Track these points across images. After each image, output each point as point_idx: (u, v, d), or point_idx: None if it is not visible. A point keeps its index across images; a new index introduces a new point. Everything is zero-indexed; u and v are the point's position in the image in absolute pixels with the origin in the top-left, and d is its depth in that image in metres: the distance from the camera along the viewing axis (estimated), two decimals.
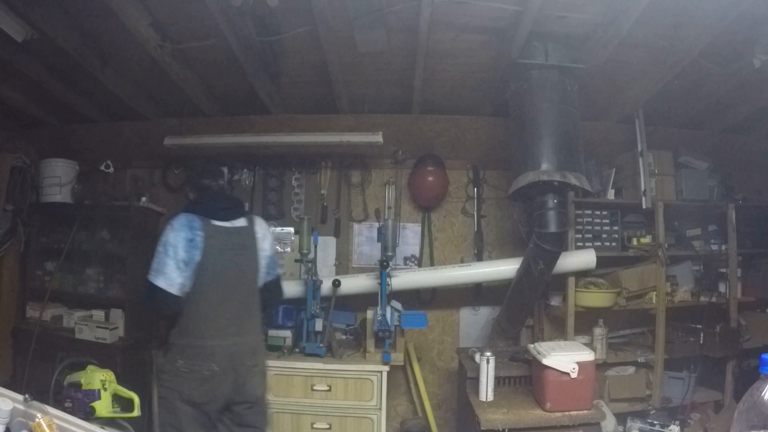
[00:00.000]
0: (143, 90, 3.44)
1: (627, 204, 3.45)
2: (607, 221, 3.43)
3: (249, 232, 2.42)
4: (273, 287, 2.54)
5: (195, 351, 2.23)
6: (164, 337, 2.39)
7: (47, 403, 1.28)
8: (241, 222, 2.42)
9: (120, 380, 2.04)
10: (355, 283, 3.39)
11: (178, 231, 2.24)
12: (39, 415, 1.21)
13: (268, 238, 2.51)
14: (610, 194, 3.49)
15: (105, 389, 1.90)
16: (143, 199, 3.72)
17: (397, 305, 3.15)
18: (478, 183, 3.89)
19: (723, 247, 3.44)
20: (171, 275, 2.20)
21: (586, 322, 3.28)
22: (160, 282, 2.20)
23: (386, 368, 3.00)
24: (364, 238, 3.90)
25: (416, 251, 3.89)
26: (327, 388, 3.01)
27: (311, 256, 3.26)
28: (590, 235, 3.40)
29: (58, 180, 3.66)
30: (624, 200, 3.48)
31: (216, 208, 2.37)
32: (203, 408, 2.22)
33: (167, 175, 4.03)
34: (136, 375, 3.23)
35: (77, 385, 1.89)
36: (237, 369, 2.27)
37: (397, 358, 3.11)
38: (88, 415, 1.81)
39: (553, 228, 2.87)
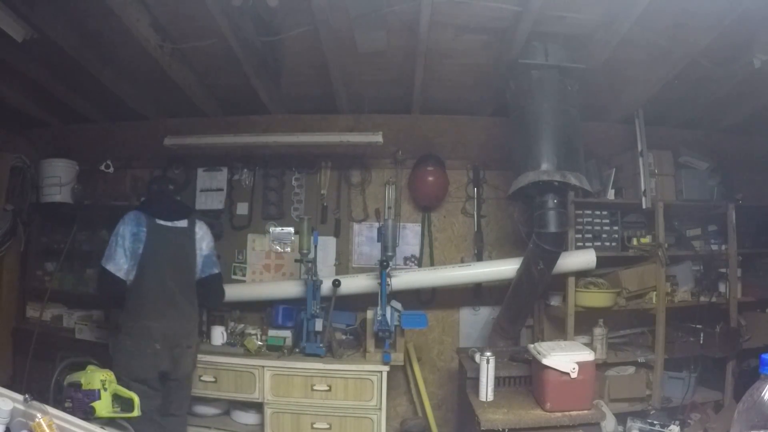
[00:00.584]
0: (143, 90, 3.44)
1: (627, 204, 3.45)
2: (607, 221, 3.43)
3: (188, 232, 2.83)
4: (209, 283, 2.90)
5: (140, 331, 2.60)
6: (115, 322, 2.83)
7: (47, 403, 1.29)
8: (182, 223, 2.82)
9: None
10: (355, 283, 3.39)
11: (127, 225, 2.67)
12: (39, 415, 1.21)
13: (206, 240, 2.90)
14: (610, 194, 3.49)
15: (105, 389, 1.89)
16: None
17: (397, 305, 3.15)
18: (478, 183, 3.89)
19: (723, 247, 3.44)
20: (119, 261, 2.61)
21: (586, 322, 3.27)
22: (110, 266, 2.61)
23: (386, 368, 2.99)
24: (364, 238, 3.90)
25: (416, 251, 3.89)
26: (327, 388, 3.01)
27: (311, 256, 3.26)
28: (590, 235, 3.39)
29: (58, 180, 3.66)
30: (624, 200, 3.48)
31: (160, 209, 2.79)
32: (149, 383, 2.53)
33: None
34: None
35: (77, 385, 1.89)
36: (173, 348, 2.64)
37: (397, 358, 3.11)
38: (88, 415, 1.80)
39: (553, 228, 2.87)
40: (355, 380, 3.01)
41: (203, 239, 2.87)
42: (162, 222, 2.74)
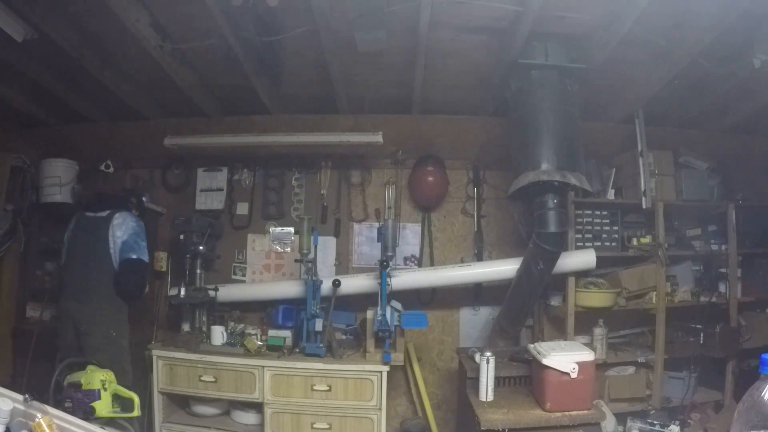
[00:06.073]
0: (143, 90, 3.44)
1: (627, 204, 3.45)
2: (607, 221, 3.44)
3: (106, 220, 2.97)
4: (121, 268, 2.94)
5: (59, 312, 2.96)
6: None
7: (47, 403, 1.29)
8: (104, 213, 3.01)
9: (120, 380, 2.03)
10: (355, 283, 3.39)
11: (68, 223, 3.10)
12: (39, 415, 1.21)
13: (124, 227, 2.98)
14: (610, 194, 3.50)
15: (105, 389, 1.90)
16: (143, 199, 3.71)
17: (397, 305, 3.15)
18: (478, 183, 3.89)
19: (723, 247, 3.44)
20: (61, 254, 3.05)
21: (586, 322, 3.28)
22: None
23: (386, 368, 3.00)
24: (364, 238, 3.90)
25: (416, 251, 3.89)
26: (327, 388, 3.01)
27: (311, 256, 3.26)
28: (590, 235, 3.40)
29: (58, 180, 3.65)
30: (624, 200, 3.48)
31: (89, 201, 3.11)
32: None
33: (167, 175, 4.03)
34: (136, 375, 3.23)
35: (77, 385, 1.89)
36: (79, 332, 2.81)
37: (397, 358, 3.11)
38: (88, 415, 1.81)
39: (553, 228, 2.87)
40: (355, 380, 3.01)
41: (120, 226, 2.95)
42: (89, 213, 3.00)
